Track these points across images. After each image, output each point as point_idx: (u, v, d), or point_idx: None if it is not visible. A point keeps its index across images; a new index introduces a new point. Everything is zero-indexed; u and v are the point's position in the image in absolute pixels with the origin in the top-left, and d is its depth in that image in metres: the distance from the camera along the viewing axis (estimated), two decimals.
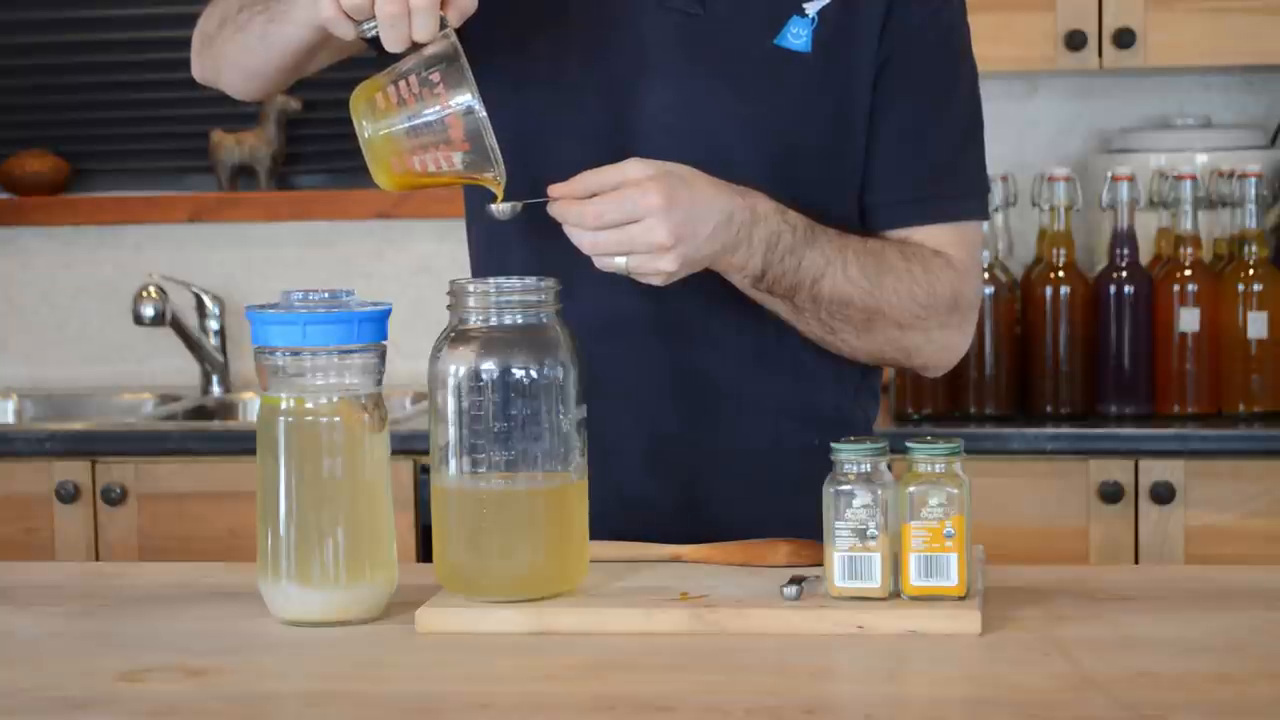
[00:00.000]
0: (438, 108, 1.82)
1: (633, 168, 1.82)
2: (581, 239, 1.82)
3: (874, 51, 1.98)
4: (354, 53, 2.07)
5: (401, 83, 1.83)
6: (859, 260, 1.95)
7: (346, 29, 1.82)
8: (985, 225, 2.07)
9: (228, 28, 2.03)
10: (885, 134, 2.01)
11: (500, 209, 1.87)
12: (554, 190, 1.83)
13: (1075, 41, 3.38)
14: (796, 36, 1.98)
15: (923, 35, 2.00)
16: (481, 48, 1.99)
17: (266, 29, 1.96)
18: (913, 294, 1.97)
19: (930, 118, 2.02)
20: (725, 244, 1.86)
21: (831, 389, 2.06)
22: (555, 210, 1.83)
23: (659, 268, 1.83)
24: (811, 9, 1.98)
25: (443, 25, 1.81)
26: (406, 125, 1.83)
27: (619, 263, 1.82)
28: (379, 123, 1.84)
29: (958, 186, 2.04)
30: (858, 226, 2.02)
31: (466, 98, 1.81)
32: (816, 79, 1.98)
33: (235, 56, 2.05)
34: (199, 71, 2.15)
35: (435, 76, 1.82)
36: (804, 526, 1.84)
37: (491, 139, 1.82)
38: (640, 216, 1.80)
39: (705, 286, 1.98)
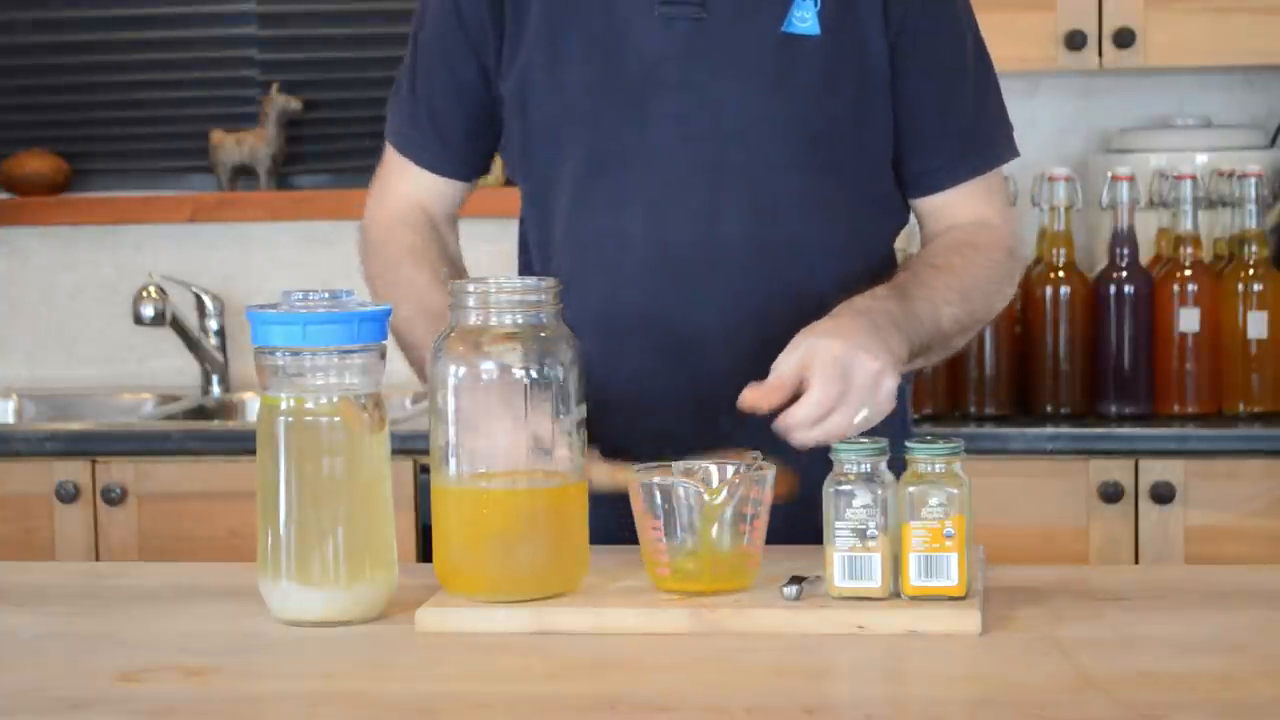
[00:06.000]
0: None
1: (783, 364, 1.84)
2: (838, 427, 1.83)
3: (880, 21, 2.01)
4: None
5: None
6: (945, 286, 2.00)
7: None
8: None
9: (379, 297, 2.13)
10: (915, 104, 2.05)
11: None
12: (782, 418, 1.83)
13: (1075, 41, 3.38)
14: (803, 20, 2.00)
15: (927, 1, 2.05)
16: (489, 78, 2.01)
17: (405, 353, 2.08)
18: (990, 277, 2.06)
19: (953, 79, 2.07)
20: (884, 337, 1.89)
21: None
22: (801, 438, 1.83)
23: (885, 385, 1.85)
24: None
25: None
26: None
27: (858, 420, 1.84)
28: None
29: (987, 133, 2.10)
30: (892, 193, 2.08)
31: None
32: (830, 59, 2.00)
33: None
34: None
35: None
36: (808, 525, 1.84)
37: None
38: (835, 371, 1.83)
39: (706, 289, 2.01)
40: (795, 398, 1.83)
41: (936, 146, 2.07)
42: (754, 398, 1.82)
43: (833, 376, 1.82)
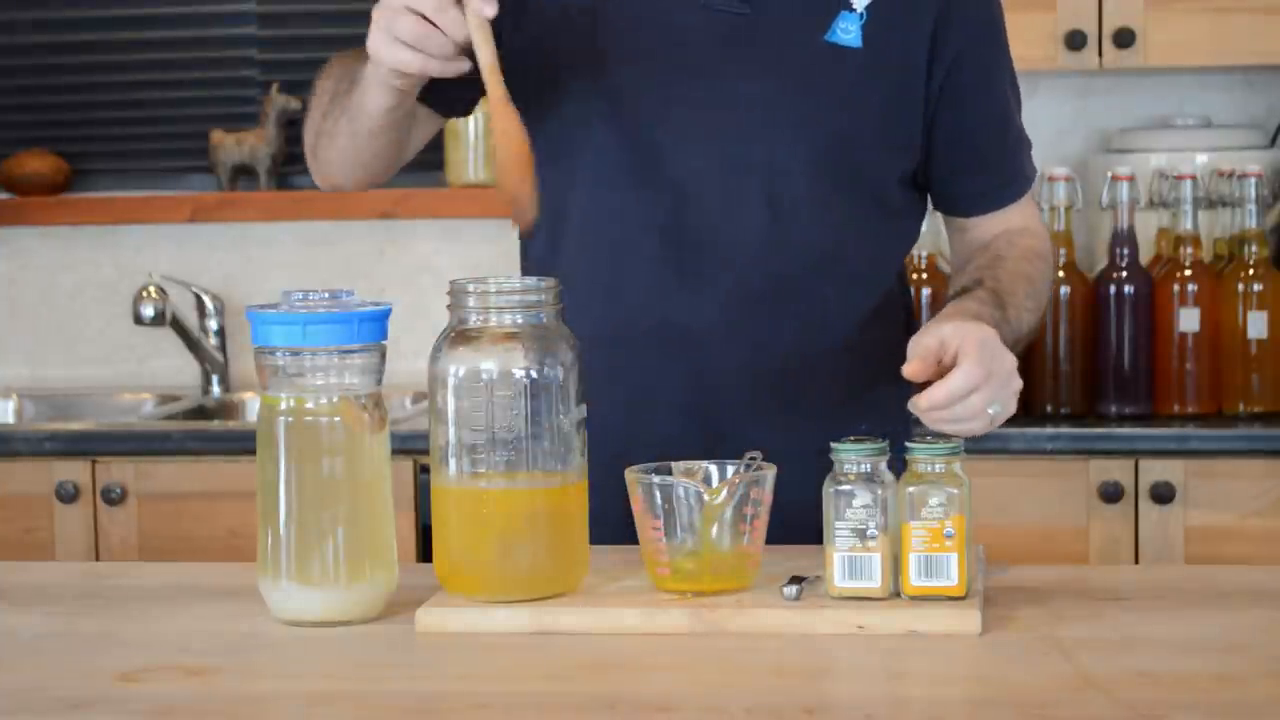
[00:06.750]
0: None
1: (927, 340, 1.83)
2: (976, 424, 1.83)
3: (925, 45, 2.03)
4: (442, 125, 2.14)
5: None
6: (1023, 293, 2.04)
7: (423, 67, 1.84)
8: None
9: (322, 139, 2.08)
10: (973, 128, 2.08)
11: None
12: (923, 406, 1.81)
13: (1075, 41, 3.38)
14: (846, 32, 2.01)
15: (985, 26, 2.08)
16: (520, 56, 2.00)
17: (351, 127, 2.01)
18: (1046, 277, 2.13)
19: (1005, 103, 2.11)
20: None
21: (842, 386, 2.07)
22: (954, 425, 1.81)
23: (1016, 384, 1.85)
24: (860, 3, 2.00)
25: None
26: None
27: (991, 411, 1.83)
28: None
29: (1023, 152, 2.15)
30: (906, 209, 2.10)
31: None
32: (867, 72, 2.01)
33: (338, 159, 2.08)
34: (318, 180, 2.17)
35: None
36: (808, 525, 1.84)
37: None
38: (983, 375, 1.81)
39: (714, 283, 2.01)
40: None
41: (995, 167, 2.13)
42: (915, 369, 1.81)
43: (982, 358, 1.81)
